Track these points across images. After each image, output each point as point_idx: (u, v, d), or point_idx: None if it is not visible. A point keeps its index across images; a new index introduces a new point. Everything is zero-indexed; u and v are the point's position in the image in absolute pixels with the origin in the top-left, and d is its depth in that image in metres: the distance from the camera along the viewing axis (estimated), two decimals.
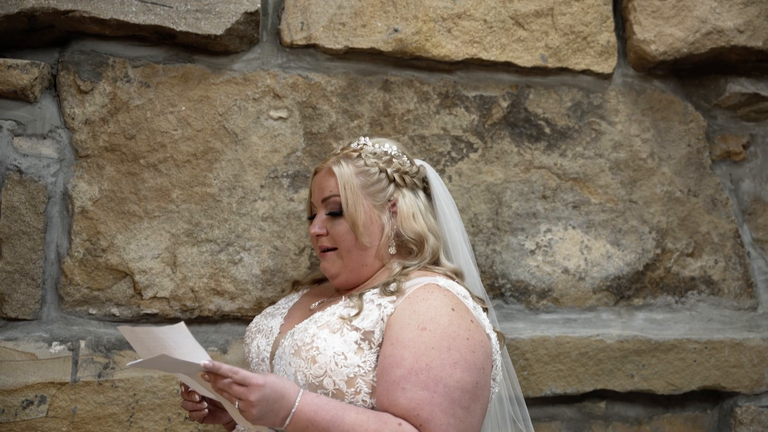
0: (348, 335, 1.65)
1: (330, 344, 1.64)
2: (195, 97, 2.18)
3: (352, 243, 1.82)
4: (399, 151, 1.91)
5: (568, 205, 2.40)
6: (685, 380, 2.41)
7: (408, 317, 1.64)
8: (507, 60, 2.35)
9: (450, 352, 1.61)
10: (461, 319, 1.66)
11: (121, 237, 2.13)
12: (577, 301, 2.39)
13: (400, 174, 1.87)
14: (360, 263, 1.84)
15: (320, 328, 1.68)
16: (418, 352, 1.60)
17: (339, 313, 1.71)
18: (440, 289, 1.70)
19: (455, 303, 1.68)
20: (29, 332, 2.07)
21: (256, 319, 1.95)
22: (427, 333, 1.62)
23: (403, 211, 1.84)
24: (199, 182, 2.17)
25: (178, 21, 2.12)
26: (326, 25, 2.24)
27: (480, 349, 1.66)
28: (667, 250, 2.45)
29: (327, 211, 1.85)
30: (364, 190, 1.83)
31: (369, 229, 1.83)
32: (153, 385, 2.11)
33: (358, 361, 1.63)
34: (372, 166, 1.85)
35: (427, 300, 1.67)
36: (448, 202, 1.95)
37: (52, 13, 2.04)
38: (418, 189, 1.90)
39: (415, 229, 1.83)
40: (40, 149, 2.10)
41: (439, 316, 1.64)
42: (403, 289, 1.71)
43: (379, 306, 1.68)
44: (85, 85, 2.12)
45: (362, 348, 1.65)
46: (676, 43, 2.42)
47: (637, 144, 2.45)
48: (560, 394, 2.34)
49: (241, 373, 1.53)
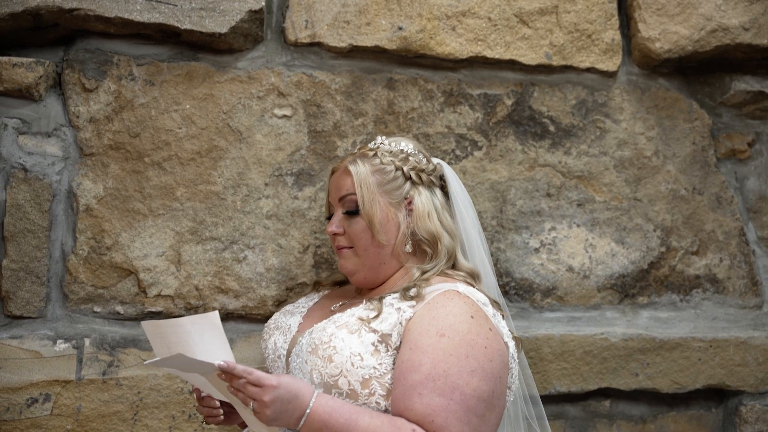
0: (365, 337, 1.66)
1: (347, 344, 1.64)
2: (199, 96, 2.17)
3: (368, 241, 1.83)
4: (415, 149, 1.92)
5: (572, 203, 2.39)
6: (690, 379, 2.40)
7: (427, 323, 1.64)
8: (511, 58, 2.34)
9: (468, 359, 1.61)
10: (480, 327, 1.66)
11: (125, 235, 2.12)
12: (581, 299, 2.38)
13: (416, 172, 1.88)
14: (377, 261, 1.84)
15: (339, 328, 1.68)
16: (437, 358, 1.60)
17: (358, 314, 1.71)
18: (460, 296, 1.69)
19: (475, 310, 1.68)
20: (34, 330, 2.07)
21: (275, 315, 1.96)
22: (446, 339, 1.61)
23: (418, 209, 1.84)
24: (203, 180, 2.17)
25: (183, 19, 2.11)
26: (330, 23, 2.23)
27: (498, 358, 1.66)
28: (671, 249, 2.44)
29: (344, 210, 1.86)
30: (380, 188, 1.84)
31: (385, 227, 1.83)
32: (157, 383, 2.10)
33: (374, 363, 1.63)
34: (388, 164, 1.87)
35: (446, 306, 1.67)
36: (465, 200, 1.95)
37: (56, 11, 2.04)
38: (435, 187, 1.91)
39: (429, 228, 1.83)
40: (45, 147, 2.10)
41: (459, 323, 1.64)
42: (423, 295, 1.71)
43: (399, 310, 1.68)
44: (90, 84, 2.12)
45: (379, 350, 1.65)
46: (681, 41, 2.40)
47: (642, 142, 2.44)
48: (564, 392, 2.33)
49: (255, 373, 1.53)
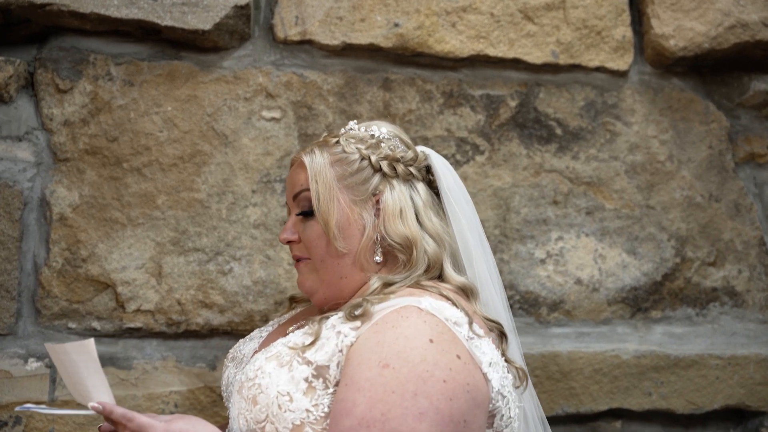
0: (297, 370, 1.35)
1: (274, 381, 1.34)
2: (182, 97, 2.11)
3: (323, 249, 1.51)
4: (390, 133, 1.60)
5: (581, 211, 2.33)
6: (707, 398, 2.34)
7: (369, 350, 1.31)
8: (515, 56, 2.28)
9: (416, 398, 1.26)
10: (441, 353, 1.31)
11: (102, 246, 2.05)
12: (590, 313, 2.32)
13: (389, 162, 1.55)
14: (337, 275, 1.52)
15: (268, 360, 1.39)
16: (374, 398, 1.26)
17: (294, 340, 1.41)
18: (420, 314, 1.35)
19: (437, 332, 1.33)
20: (3, 348, 2.00)
21: (239, 342, 1.71)
22: (389, 372, 1.28)
23: (388, 207, 1.51)
24: (186, 187, 2.10)
25: (164, 15, 2.04)
26: (322, 19, 2.17)
27: (462, 396, 1.30)
28: (687, 259, 2.39)
29: (298, 211, 1.56)
30: (341, 183, 1.53)
31: (345, 230, 1.51)
32: (136, 405, 2.04)
33: (307, 405, 1.33)
34: (352, 153, 1.54)
35: (397, 327, 1.33)
36: (460, 197, 1.62)
37: (27, 6, 1.96)
38: (416, 181, 1.58)
39: (400, 230, 1.50)
40: (16, 152, 2.03)
41: (410, 350, 1.30)
42: (370, 313, 1.37)
43: (339, 334, 1.36)
44: (64, 84, 2.05)
45: (314, 387, 1.34)
46: (697, 38, 2.36)
47: (655, 146, 2.38)
48: (573, 413, 2.28)
49: (137, 420, 1.30)
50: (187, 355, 2.10)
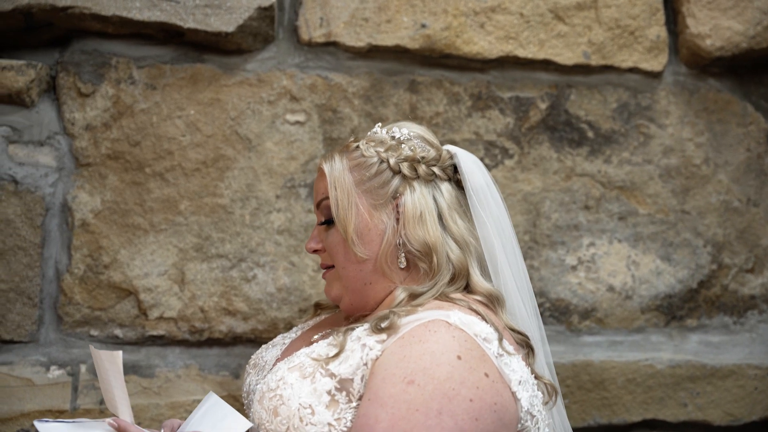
0: (320, 382, 1.32)
1: (296, 393, 1.32)
2: (205, 100, 2.10)
3: (344, 255, 1.49)
4: (412, 134, 1.56)
5: (613, 217, 2.30)
6: (745, 410, 2.32)
7: (394, 364, 1.29)
8: (546, 57, 2.26)
9: (440, 417, 1.24)
10: (469, 371, 1.28)
11: (124, 252, 2.04)
12: (623, 321, 2.29)
13: (409, 163, 1.50)
14: (360, 281, 1.49)
15: (290, 371, 1.36)
16: (397, 415, 1.24)
17: (318, 351, 1.38)
18: (449, 329, 1.32)
19: (466, 348, 1.31)
20: (25, 356, 2.01)
21: (261, 348, 1.71)
22: (414, 389, 1.26)
23: (407, 210, 1.48)
24: (209, 192, 2.09)
25: (186, 17, 2.03)
26: (348, 20, 2.15)
27: (489, 416, 1.28)
28: (723, 266, 2.35)
29: (322, 219, 1.55)
30: (360, 188, 1.50)
31: (364, 236, 1.48)
32: (159, 413, 2.04)
33: (329, 419, 1.30)
34: (371, 157, 1.51)
35: (424, 342, 1.30)
36: (489, 198, 1.57)
37: (49, 9, 1.96)
38: (440, 181, 1.53)
39: (419, 235, 1.46)
40: (38, 157, 2.02)
41: (436, 366, 1.27)
42: (397, 326, 1.34)
43: (364, 347, 1.33)
44: (86, 88, 2.04)
45: (337, 400, 1.31)
46: (735, 37, 2.32)
47: (690, 149, 2.35)
48: (605, 424, 2.26)
49: None
50: (210, 363, 2.08)
